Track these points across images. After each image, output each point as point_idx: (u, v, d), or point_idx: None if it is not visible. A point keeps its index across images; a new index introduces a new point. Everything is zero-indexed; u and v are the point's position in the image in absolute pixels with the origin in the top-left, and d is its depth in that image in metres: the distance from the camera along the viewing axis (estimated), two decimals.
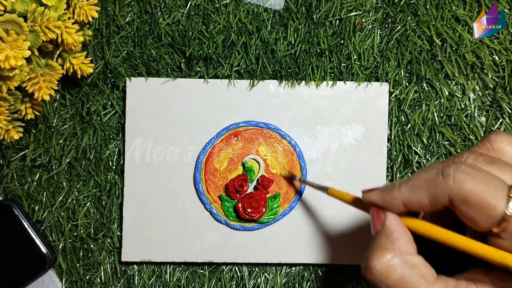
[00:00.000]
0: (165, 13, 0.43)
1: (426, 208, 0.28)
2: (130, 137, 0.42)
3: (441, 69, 0.43)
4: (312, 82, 0.43)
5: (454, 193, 0.26)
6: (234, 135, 0.42)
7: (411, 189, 0.28)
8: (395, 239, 0.28)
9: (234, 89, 0.43)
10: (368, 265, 0.27)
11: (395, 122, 0.43)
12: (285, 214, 0.42)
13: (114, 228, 0.43)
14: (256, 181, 0.42)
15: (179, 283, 0.44)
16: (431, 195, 0.27)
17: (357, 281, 0.44)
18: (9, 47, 0.32)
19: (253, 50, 0.43)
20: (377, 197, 0.30)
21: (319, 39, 0.42)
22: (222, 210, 0.42)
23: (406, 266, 0.26)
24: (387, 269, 0.26)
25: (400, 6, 0.43)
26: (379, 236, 0.28)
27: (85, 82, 0.43)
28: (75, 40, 0.37)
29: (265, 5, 0.43)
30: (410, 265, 0.26)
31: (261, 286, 0.44)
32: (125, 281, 0.44)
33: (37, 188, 0.43)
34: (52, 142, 0.43)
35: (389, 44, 0.43)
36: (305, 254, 0.43)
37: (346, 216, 0.43)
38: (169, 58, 0.43)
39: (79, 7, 0.37)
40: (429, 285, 0.26)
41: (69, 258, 0.43)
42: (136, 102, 0.42)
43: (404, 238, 0.28)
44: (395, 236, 0.28)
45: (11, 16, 0.33)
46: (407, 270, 0.26)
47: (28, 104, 0.39)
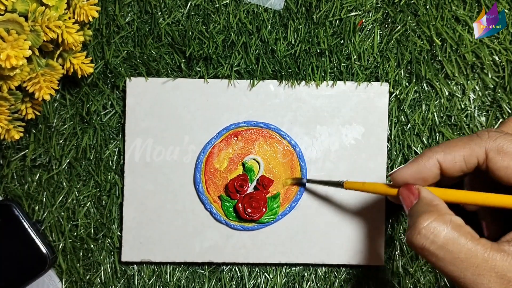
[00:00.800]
0: (165, 13, 0.43)
1: (459, 166, 0.30)
2: (130, 137, 0.42)
3: (441, 69, 0.43)
4: (312, 82, 0.43)
5: (490, 145, 0.28)
6: (234, 135, 0.42)
7: (446, 148, 0.30)
8: (436, 205, 0.29)
9: (234, 89, 0.43)
10: (415, 230, 0.27)
11: (395, 122, 0.43)
12: (285, 214, 0.42)
13: (114, 228, 0.43)
14: (256, 181, 0.42)
15: (179, 283, 0.44)
16: (468, 150, 0.29)
17: (357, 281, 0.44)
18: (10, 46, 0.32)
19: (253, 50, 0.43)
20: (409, 169, 0.31)
21: (319, 39, 0.42)
22: (222, 210, 0.42)
23: (452, 225, 0.27)
24: (434, 229, 0.27)
25: (400, 6, 0.43)
26: (418, 206, 0.29)
27: (85, 82, 0.43)
28: (75, 40, 0.37)
29: (265, 5, 0.43)
30: (455, 224, 0.27)
31: (261, 286, 0.44)
32: (125, 281, 0.44)
33: (37, 188, 0.43)
34: (52, 142, 0.43)
35: (389, 44, 0.43)
36: (305, 254, 0.43)
37: (346, 216, 0.43)
38: (169, 58, 0.43)
39: (80, 7, 0.38)
40: (476, 241, 0.27)
41: (69, 258, 0.43)
42: (136, 102, 0.42)
43: (443, 204, 0.29)
44: (435, 202, 0.29)
45: (12, 16, 0.33)
46: (453, 228, 0.27)
47: (29, 104, 0.39)
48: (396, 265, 0.43)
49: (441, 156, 0.30)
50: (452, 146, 0.30)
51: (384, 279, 0.43)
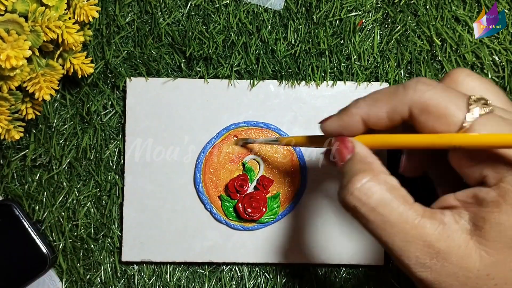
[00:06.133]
0: (165, 13, 0.43)
1: (383, 123, 0.27)
2: (130, 137, 0.42)
3: (441, 69, 0.43)
4: (312, 82, 0.43)
5: (415, 101, 0.25)
6: (234, 135, 0.42)
7: (370, 103, 0.27)
8: (371, 162, 0.27)
9: (234, 89, 0.43)
10: (347, 189, 0.26)
11: None
12: (285, 214, 0.42)
13: (114, 228, 0.43)
14: (256, 181, 0.42)
15: (179, 283, 0.44)
16: (390, 107, 0.26)
17: (357, 281, 0.44)
18: (10, 47, 0.32)
19: (253, 50, 0.43)
20: (335, 122, 0.29)
21: (319, 39, 0.42)
22: (222, 210, 0.42)
23: (386, 187, 0.25)
24: (367, 190, 0.25)
25: (400, 6, 0.43)
26: (351, 163, 0.27)
27: (85, 82, 0.43)
28: (75, 40, 0.37)
29: (265, 5, 0.43)
30: (390, 186, 0.25)
31: (261, 286, 0.44)
32: (125, 281, 0.44)
33: (37, 188, 0.43)
34: (52, 142, 0.43)
35: (389, 44, 0.43)
36: (305, 254, 0.43)
37: (346, 216, 0.43)
38: (169, 58, 0.43)
39: (80, 7, 0.38)
40: (409, 206, 0.25)
41: (69, 258, 0.43)
42: (136, 102, 0.42)
43: (378, 161, 0.27)
44: (369, 160, 0.27)
45: (12, 16, 0.33)
46: (387, 191, 0.25)
47: (29, 104, 0.39)
48: (396, 265, 0.43)
49: (364, 111, 0.27)
50: (376, 101, 0.27)
51: (384, 279, 0.43)
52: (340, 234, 0.43)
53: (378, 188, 0.25)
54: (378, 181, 0.25)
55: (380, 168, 0.27)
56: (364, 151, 0.28)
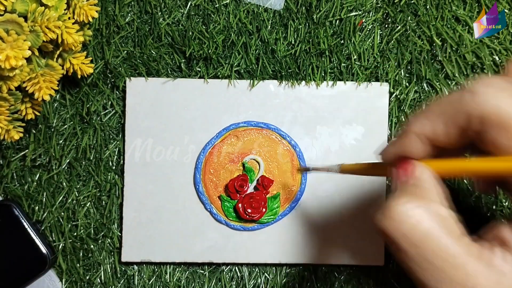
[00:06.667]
0: (165, 13, 0.43)
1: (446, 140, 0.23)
2: (130, 137, 0.42)
3: (441, 69, 0.43)
4: (312, 82, 0.43)
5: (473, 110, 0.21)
6: (234, 135, 0.42)
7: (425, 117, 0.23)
8: (427, 189, 0.22)
9: (234, 89, 0.43)
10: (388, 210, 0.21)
11: (395, 122, 0.43)
12: (285, 214, 0.42)
13: (114, 228, 0.43)
14: (256, 181, 0.42)
15: (179, 283, 0.44)
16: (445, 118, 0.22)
17: (357, 281, 0.44)
18: (10, 47, 0.32)
19: (253, 50, 0.43)
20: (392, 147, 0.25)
21: (319, 39, 0.42)
22: (222, 210, 0.42)
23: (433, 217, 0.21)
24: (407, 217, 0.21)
25: (400, 6, 0.43)
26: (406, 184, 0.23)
27: (85, 82, 0.43)
28: (75, 40, 0.37)
29: (265, 5, 0.43)
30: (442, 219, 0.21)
31: (261, 286, 0.44)
32: (125, 281, 0.44)
33: (37, 188, 0.43)
34: (52, 142, 0.43)
35: (389, 44, 0.43)
36: (305, 254, 0.43)
37: (346, 216, 0.43)
38: (169, 58, 0.43)
39: (79, 7, 0.38)
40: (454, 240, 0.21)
41: (69, 258, 0.43)
42: (136, 102, 0.42)
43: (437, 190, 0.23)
44: (426, 186, 0.23)
45: (12, 16, 0.33)
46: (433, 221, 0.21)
47: (28, 104, 0.39)
48: (396, 265, 0.43)
49: (418, 128, 0.23)
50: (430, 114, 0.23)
51: (384, 279, 0.43)
52: (340, 234, 0.43)
53: (426, 218, 0.21)
54: (428, 210, 0.21)
55: (435, 197, 0.22)
56: (425, 176, 0.23)
